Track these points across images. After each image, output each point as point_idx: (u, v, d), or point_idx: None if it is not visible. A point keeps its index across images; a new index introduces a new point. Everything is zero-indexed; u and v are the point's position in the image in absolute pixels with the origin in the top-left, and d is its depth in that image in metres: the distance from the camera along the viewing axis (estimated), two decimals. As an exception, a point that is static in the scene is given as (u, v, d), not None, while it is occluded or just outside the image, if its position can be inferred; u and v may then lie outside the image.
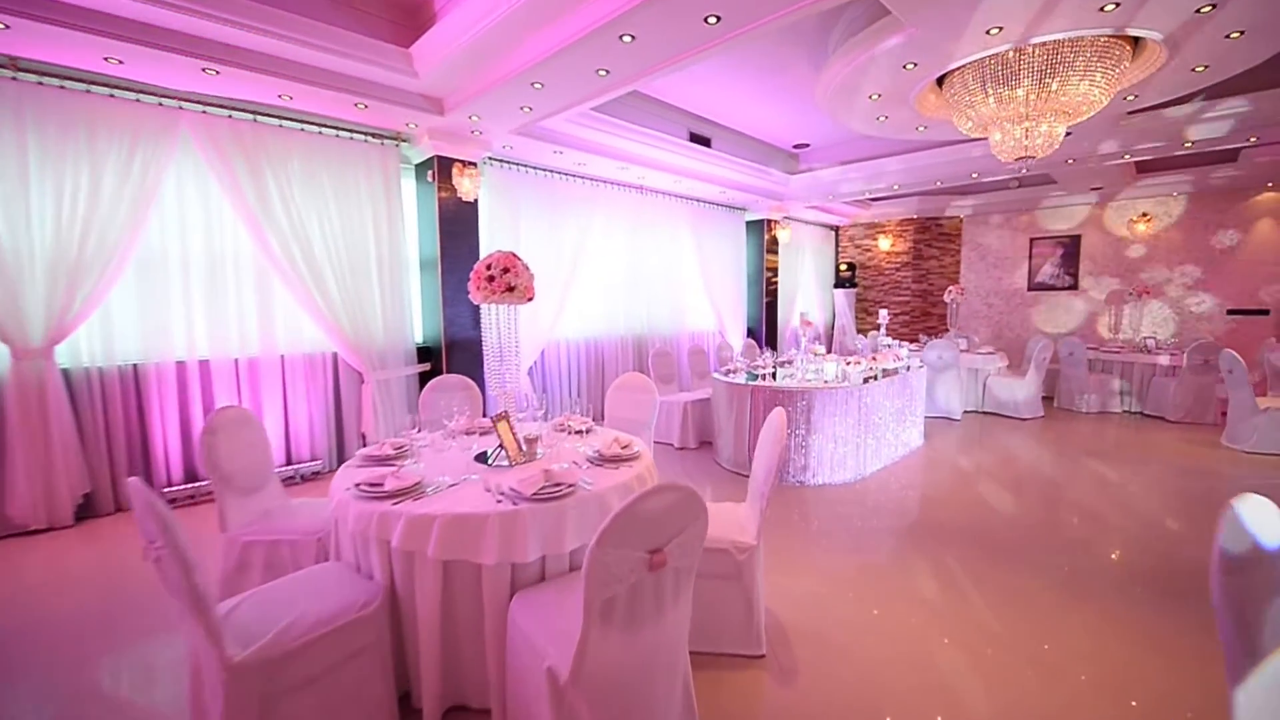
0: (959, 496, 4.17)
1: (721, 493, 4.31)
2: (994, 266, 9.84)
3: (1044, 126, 4.05)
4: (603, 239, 6.82)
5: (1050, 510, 3.91)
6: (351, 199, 4.83)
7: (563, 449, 2.60)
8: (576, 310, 6.65)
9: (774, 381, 4.61)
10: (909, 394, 5.35)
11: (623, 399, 3.62)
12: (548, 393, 6.42)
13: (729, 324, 8.50)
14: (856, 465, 4.58)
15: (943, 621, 2.55)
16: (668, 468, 4.95)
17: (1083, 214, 8.95)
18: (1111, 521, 3.69)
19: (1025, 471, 4.81)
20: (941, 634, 2.46)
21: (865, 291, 10.66)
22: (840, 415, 4.44)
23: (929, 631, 2.48)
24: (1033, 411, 6.91)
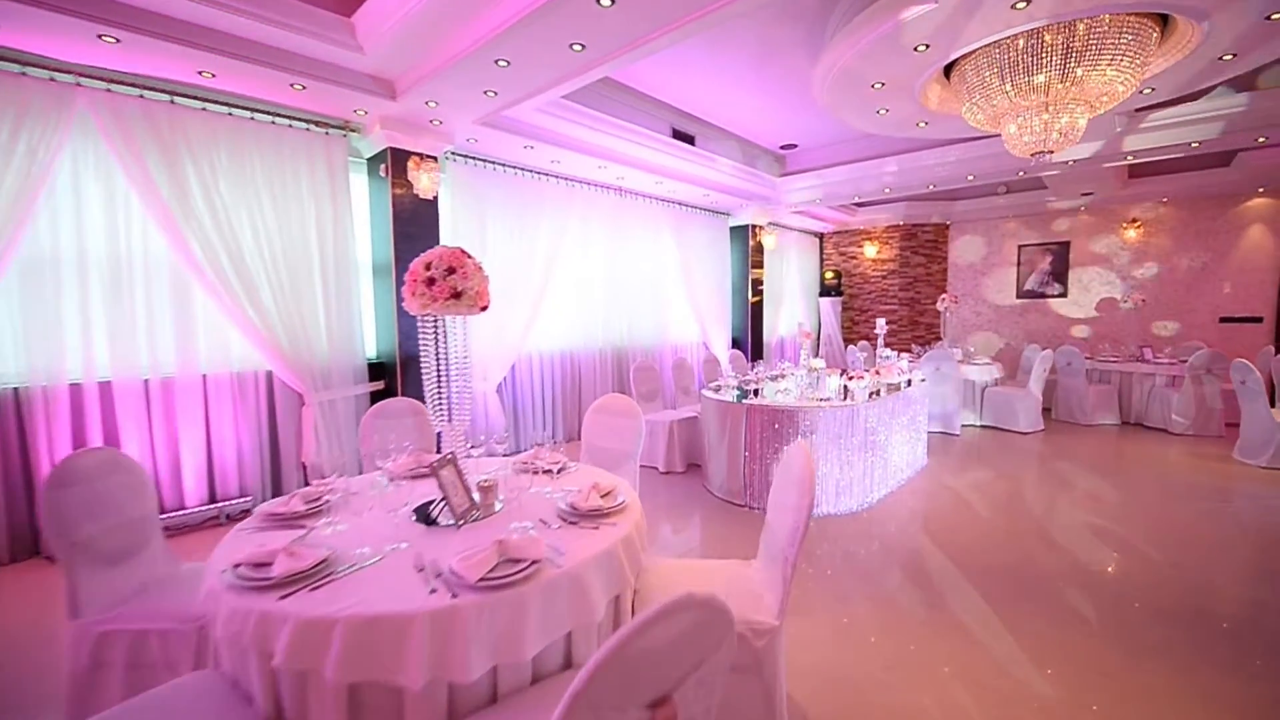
0: (976, 528, 3.73)
1: (715, 526, 3.80)
2: (982, 274, 9.59)
3: (1065, 118, 3.68)
4: (579, 244, 6.31)
5: (1078, 543, 3.49)
6: (290, 196, 4.23)
7: (527, 499, 2.05)
8: (551, 320, 6.11)
9: (770, 399, 4.13)
10: (912, 410, 4.93)
11: (602, 425, 3.09)
12: (518, 412, 5.85)
13: (713, 334, 8.04)
14: (862, 492, 4.12)
15: (995, 698, 2.07)
16: (653, 497, 4.42)
17: (1072, 220, 8.75)
18: (1148, 555, 3.28)
19: (1041, 496, 4.41)
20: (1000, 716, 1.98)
21: (851, 300, 10.34)
22: (845, 437, 3.98)
23: (984, 712, 2.00)
24: (1033, 425, 6.58)
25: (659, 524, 3.87)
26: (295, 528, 1.83)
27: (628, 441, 3.00)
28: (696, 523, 3.91)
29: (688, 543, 3.59)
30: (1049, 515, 3.96)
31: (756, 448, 4.01)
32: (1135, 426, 6.83)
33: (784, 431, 3.93)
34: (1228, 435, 6.19)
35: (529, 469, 2.43)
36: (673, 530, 3.80)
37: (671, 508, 4.20)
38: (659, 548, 3.46)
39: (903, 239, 9.63)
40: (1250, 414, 5.19)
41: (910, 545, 3.47)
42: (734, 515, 3.98)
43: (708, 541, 3.60)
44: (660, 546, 3.49)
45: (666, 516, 4.03)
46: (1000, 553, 3.33)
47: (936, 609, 2.73)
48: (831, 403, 4.03)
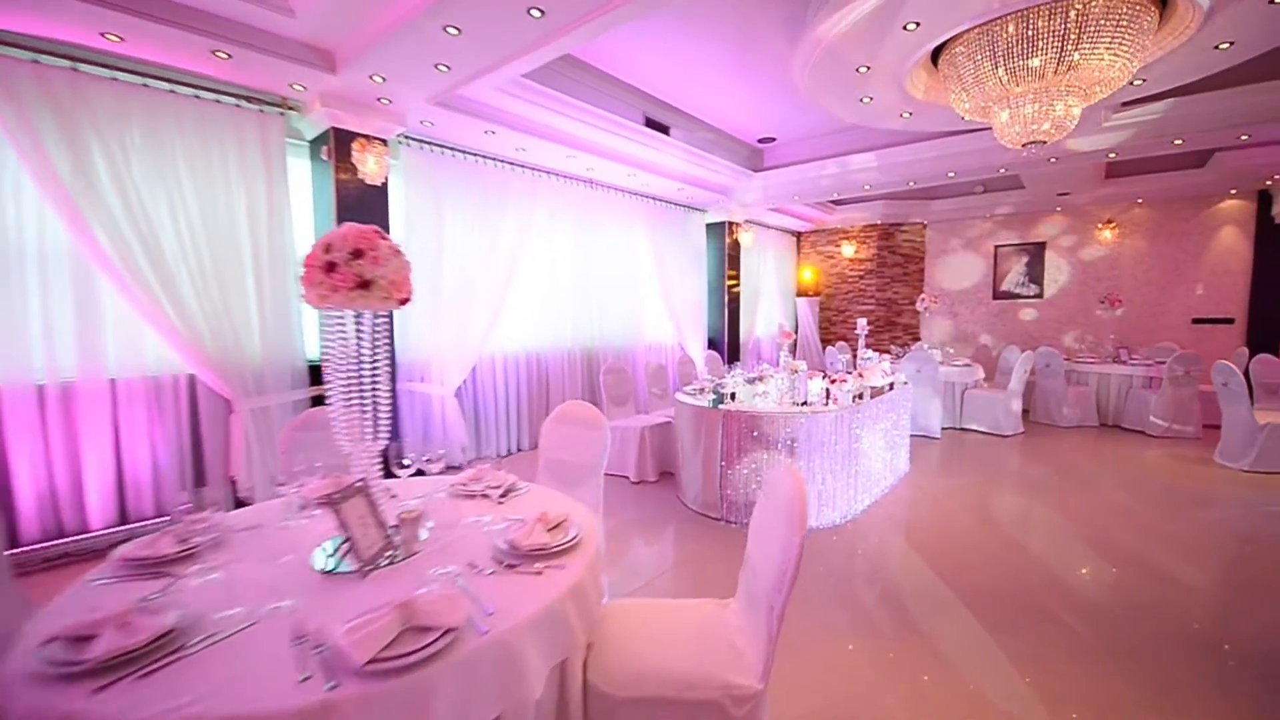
0: (966, 544, 3.49)
1: (689, 544, 3.49)
2: (958, 275, 9.51)
3: (1060, 106, 3.47)
4: (546, 238, 5.95)
5: (1073, 560, 3.27)
6: (218, 180, 3.79)
7: (461, 533, 1.71)
8: (516, 319, 5.73)
9: (749, 404, 3.84)
10: (896, 414, 4.70)
11: (562, 436, 2.76)
12: (480, 418, 5.46)
13: (689, 335, 7.74)
14: (845, 503, 3.86)
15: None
16: (621, 510, 4.10)
17: (1048, 220, 8.70)
18: (1149, 574, 3.07)
19: (1029, 507, 4.21)
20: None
21: (829, 300, 10.17)
22: (829, 444, 3.71)
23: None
24: (1014, 428, 6.44)
25: (627, 541, 3.55)
26: (159, 576, 1.45)
27: (590, 454, 2.67)
28: (668, 540, 3.60)
29: (658, 564, 3.27)
30: (1040, 529, 3.75)
31: (734, 457, 3.72)
32: (1113, 428, 6.75)
33: (764, 439, 3.64)
34: (1205, 437, 6.14)
35: (468, 493, 2.09)
36: (644, 546, 3.47)
37: (641, 523, 3.87)
38: (625, 571, 3.13)
39: (880, 238, 9.49)
40: (1232, 416, 5.09)
41: (900, 564, 3.20)
42: (709, 531, 3.68)
43: (681, 563, 3.28)
44: (627, 569, 3.16)
45: (636, 532, 3.71)
46: (995, 573, 3.09)
47: (934, 640, 2.46)
48: (814, 408, 3.76)
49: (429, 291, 4.90)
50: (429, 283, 4.89)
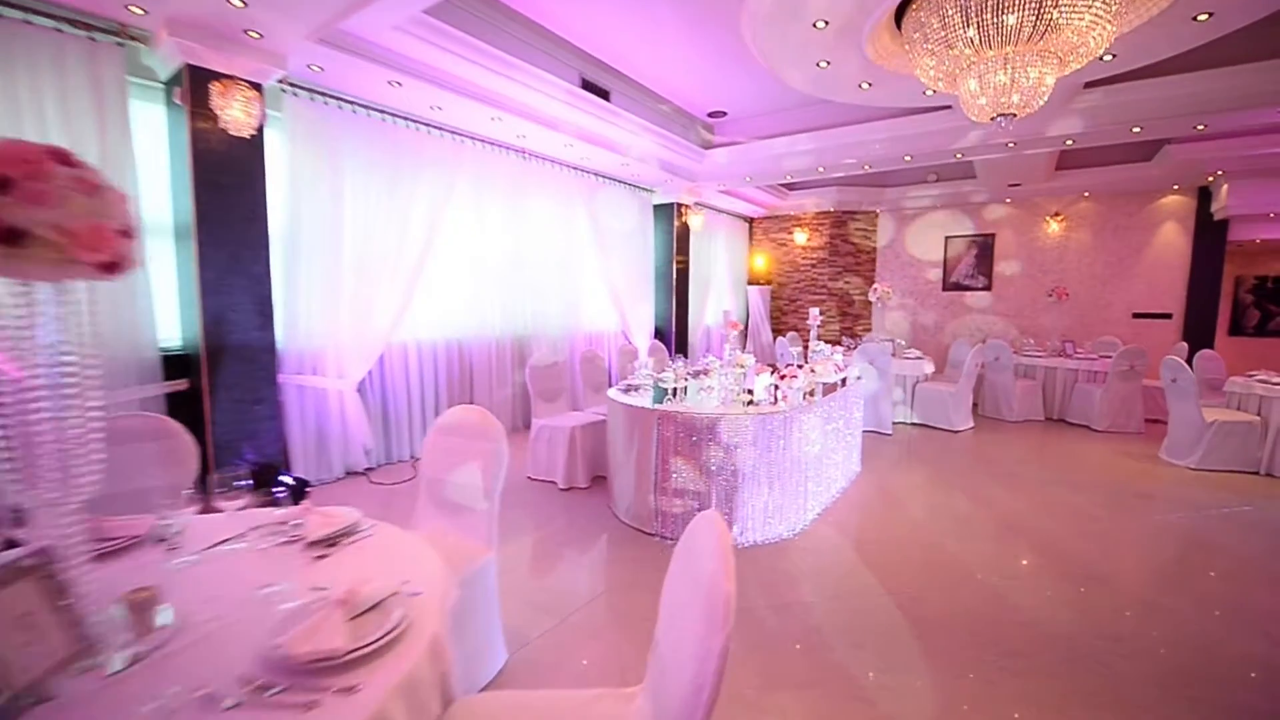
0: (928, 556, 3.15)
1: (617, 569, 3.00)
2: (909, 265, 9.35)
3: (1033, 72, 3.11)
4: (472, 212, 5.29)
5: (1036, 575, 2.96)
6: (29, 124, 3.01)
7: (229, 618, 1.14)
8: (434, 302, 5.08)
9: (691, 402, 3.37)
10: (848, 412, 4.34)
11: (447, 450, 2.21)
12: (390, 416, 4.80)
13: (633, 323, 7.24)
14: (795, 513, 3.46)
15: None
16: (546, 522, 3.58)
17: (998, 212, 8.61)
18: (1116, 589, 2.79)
19: (985, 510, 3.92)
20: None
21: (780, 289, 9.86)
22: (776, 449, 3.29)
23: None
24: (965, 423, 6.26)
25: (545, 562, 3.03)
26: None
27: (482, 473, 2.13)
28: (593, 562, 3.10)
29: (576, 595, 2.76)
30: (998, 535, 3.45)
31: (670, 465, 3.25)
32: (1058, 422, 6.69)
33: (703, 445, 3.18)
34: (1146, 431, 6.12)
35: (286, 536, 1.52)
36: (563, 569, 2.96)
37: (565, 539, 3.36)
38: (535, 605, 2.61)
39: (833, 226, 9.21)
40: (1179, 413, 4.99)
41: (854, 588, 2.81)
42: (642, 550, 3.21)
43: (605, 592, 2.79)
44: (538, 603, 2.65)
45: (558, 550, 3.19)
46: (953, 600, 2.74)
47: (900, 686, 2.06)
48: (760, 407, 3.32)
49: (323, 269, 4.20)
50: (323, 259, 4.19)
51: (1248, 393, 4.91)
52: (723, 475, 3.18)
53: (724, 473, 3.18)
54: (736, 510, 3.21)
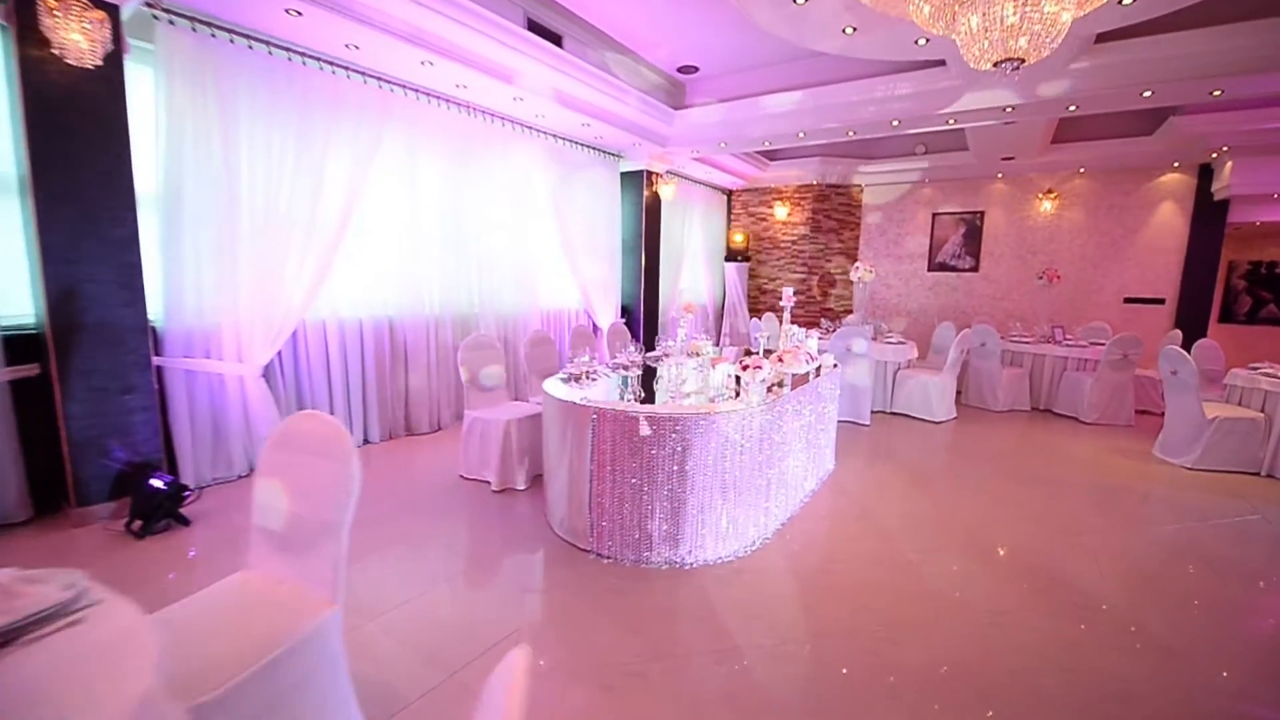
0: (902, 581, 2.71)
1: (544, 595, 2.51)
2: (894, 243, 8.88)
3: (1050, 7, 2.57)
4: (403, 173, 4.66)
5: (1039, 600, 2.54)
6: None
7: None
8: (359, 275, 4.48)
9: (630, 402, 2.86)
10: (821, 405, 3.88)
11: (283, 471, 1.68)
12: (308, 405, 4.23)
13: (598, 302, 6.69)
14: (753, 525, 3.00)
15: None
16: (470, 530, 3.08)
17: (988, 188, 8.13)
18: (1117, 617, 2.38)
19: (969, 515, 3.50)
20: None
21: (759, 267, 9.34)
22: (733, 455, 2.81)
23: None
24: (946, 413, 5.86)
25: (453, 584, 2.54)
26: None
27: (327, 502, 1.62)
28: (511, 587, 2.61)
29: (475, 636, 2.27)
30: (981, 553, 3.03)
31: (608, 472, 2.75)
32: (1045, 413, 6.32)
33: (646, 449, 2.68)
34: (1137, 424, 5.78)
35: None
36: (479, 595, 2.47)
37: (483, 556, 2.87)
38: (413, 646, 2.12)
39: (815, 200, 8.67)
40: (1178, 408, 4.62)
41: (816, 624, 2.36)
42: (574, 570, 2.73)
43: (528, 630, 2.30)
44: (420, 645, 2.15)
45: (471, 570, 2.70)
46: (935, 633, 2.30)
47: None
48: (716, 404, 2.83)
49: (215, 236, 3.59)
50: (215, 224, 3.58)
51: (1251, 387, 4.54)
52: (669, 485, 2.70)
53: (670, 481, 2.70)
54: (683, 526, 2.73)
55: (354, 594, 2.46)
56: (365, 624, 2.27)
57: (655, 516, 2.72)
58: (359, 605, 2.38)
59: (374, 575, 2.63)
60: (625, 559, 2.78)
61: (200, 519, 3.20)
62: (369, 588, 2.52)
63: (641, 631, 2.25)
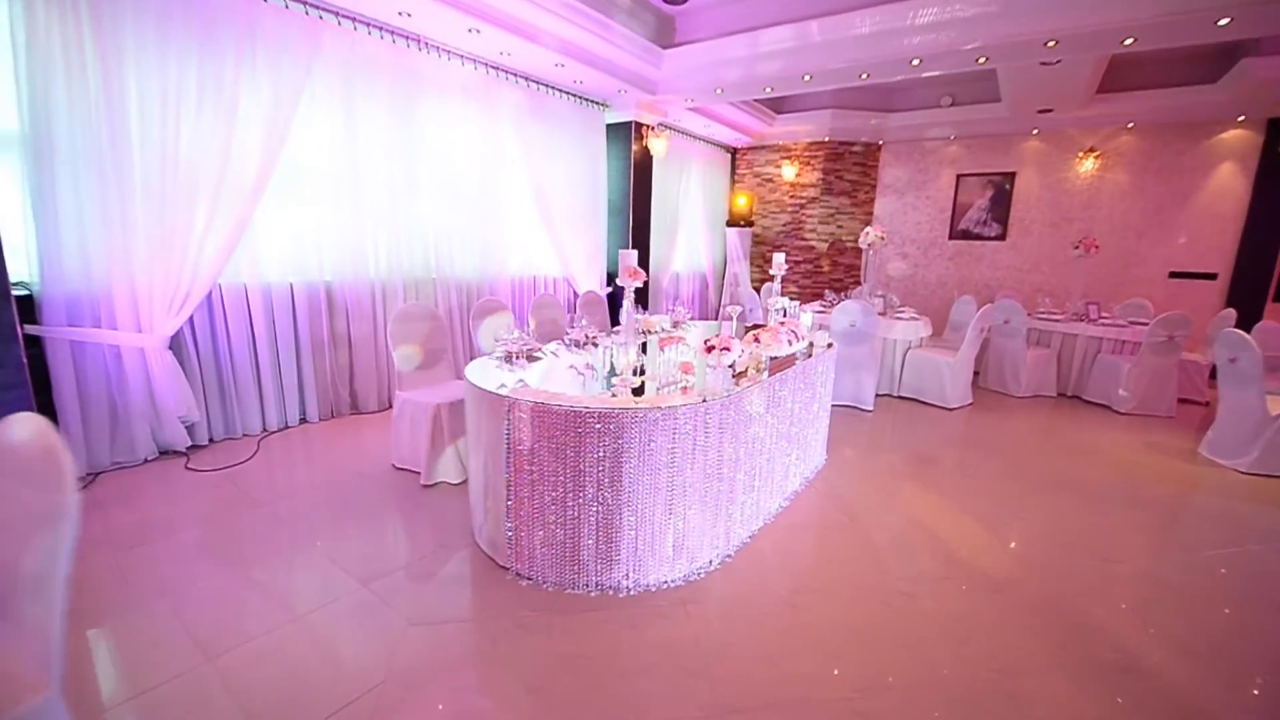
0: (891, 624, 2.18)
1: (439, 630, 2.02)
2: (913, 207, 8.09)
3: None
4: (337, 119, 4.07)
5: (1067, 662, 2.00)
6: None
7: None
8: (285, 234, 3.94)
9: (552, 393, 2.32)
10: (811, 391, 3.31)
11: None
12: (227, 380, 3.75)
13: (579, 269, 6.10)
14: (713, 542, 2.48)
15: None
16: (378, 538, 2.60)
17: (1020, 147, 7.28)
18: (1192, 702, 1.84)
19: (977, 528, 2.94)
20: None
21: (764, 233, 8.63)
22: (685, 455, 2.27)
23: None
24: (961, 398, 5.24)
25: (330, 610, 2.06)
26: None
27: (25, 549, 1.11)
28: (398, 616, 2.13)
29: (327, 691, 1.80)
30: (991, 585, 2.48)
31: (526, 475, 2.23)
32: (1073, 400, 5.66)
33: (568, 452, 2.15)
34: (1179, 416, 5.11)
35: None
36: (344, 627, 2.00)
37: (387, 570, 2.38)
38: (239, 707, 1.65)
39: (827, 159, 7.90)
40: (1235, 401, 3.96)
41: (775, 680, 1.85)
42: (487, 592, 2.24)
43: (394, 685, 1.82)
44: (248, 703, 1.68)
45: (371, 587, 2.22)
46: (933, 703, 1.78)
47: None
48: (665, 398, 2.28)
49: (99, 186, 3.06)
50: (97, 171, 3.05)
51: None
52: (598, 495, 2.17)
53: (600, 491, 2.17)
54: (618, 544, 2.22)
55: (201, 623, 2.00)
56: (200, 666, 1.81)
57: (583, 533, 2.21)
58: (202, 638, 1.92)
59: (233, 597, 2.17)
60: (548, 582, 2.28)
61: (91, 510, 2.77)
62: (221, 614, 2.06)
63: (541, 690, 1.76)
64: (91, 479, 3.16)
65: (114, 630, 1.98)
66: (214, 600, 2.14)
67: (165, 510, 2.84)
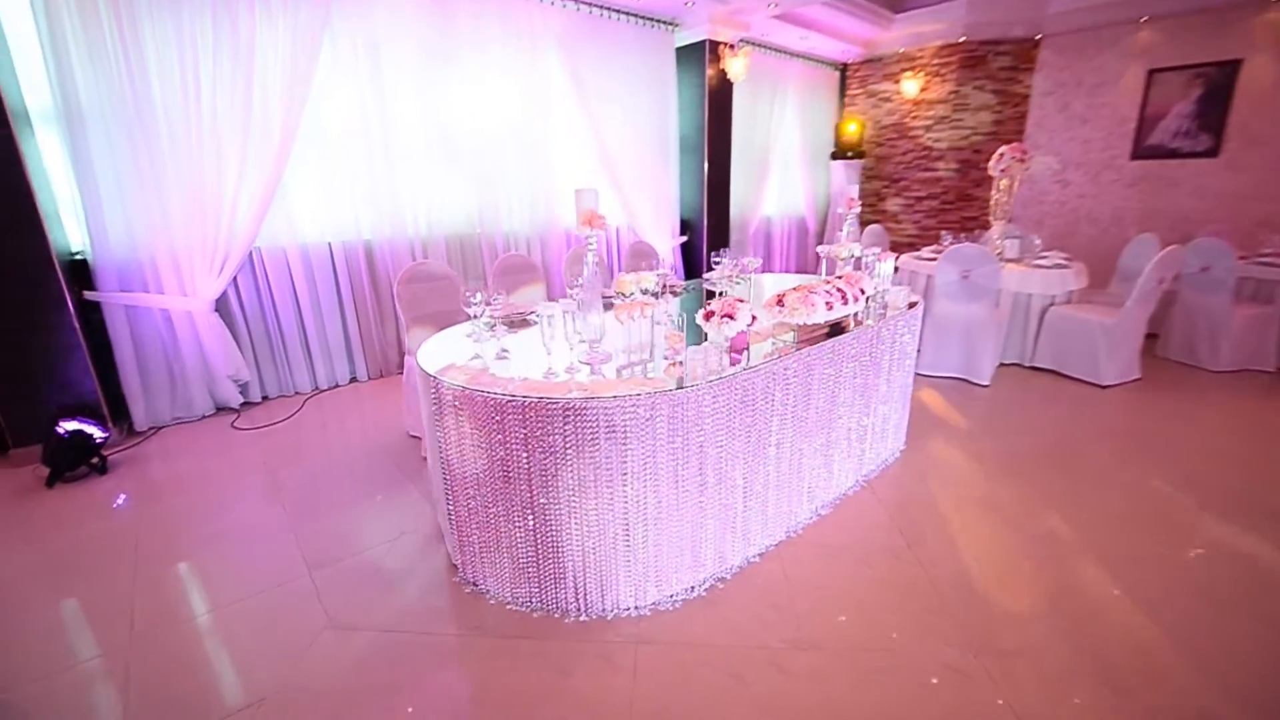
0: (958, 717, 1.57)
1: (357, 644, 1.80)
2: (1082, 121, 6.31)
3: None
4: (362, 67, 3.85)
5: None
6: None
7: None
8: (319, 193, 3.88)
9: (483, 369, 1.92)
10: (874, 365, 2.58)
11: None
12: (277, 340, 3.86)
13: (645, 216, 5.55)
14: (701, 558, 1.98)
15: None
16: (354, 517, 2.46)
17: (1250, 24, 5.25)
18: None
19: (1115, 593, 2.11)
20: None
21: (878, 165, 7.33)
22: (648, 454, 1.77)
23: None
24: (1123, 372, 4.01)
25: (276, 597, 1.92)
26: None
27: None
28: (333, 614, 1.93)
29: (229, 693, 1.63)
30: (1135, 676, 1.72)
31: (457, 472, 1.89)
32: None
33: (494, 449, 1.75)
34: None
35: None
36: (277, 620, 1.84)
37: (340, 555, 2.21)
38: (111, 715, 1.53)
39: (962, 67, 6.37)
40: None
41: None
42: (428, 597, 1.99)
43: (297, 697, 1.63)
44: (134, 709, 1.56)
45: (313, 576, 2.06)
46: None
47: None
48: (631, 382, 1.79)
49: (131, 153, 3.14)
50: (129, 140, 3.12)
51: None
52: (535, 500, 1.77)
53: (537, 495, 1.77)
54: (563, 559, 1.81)
55: (126, 610, 1.95)
56: (105, 654, 1.74)
57: (517, 541, 1.84)
58: (106, 630, 1.84)
59: (172, 580, 2.10)
60: (492, 593, 1.96)
61: (132, 465, 2.99)
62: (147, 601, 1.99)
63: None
64: (154, 432, 3.41)
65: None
66: (143, 585, 2.06)
67: (177, 470, 2.94)
